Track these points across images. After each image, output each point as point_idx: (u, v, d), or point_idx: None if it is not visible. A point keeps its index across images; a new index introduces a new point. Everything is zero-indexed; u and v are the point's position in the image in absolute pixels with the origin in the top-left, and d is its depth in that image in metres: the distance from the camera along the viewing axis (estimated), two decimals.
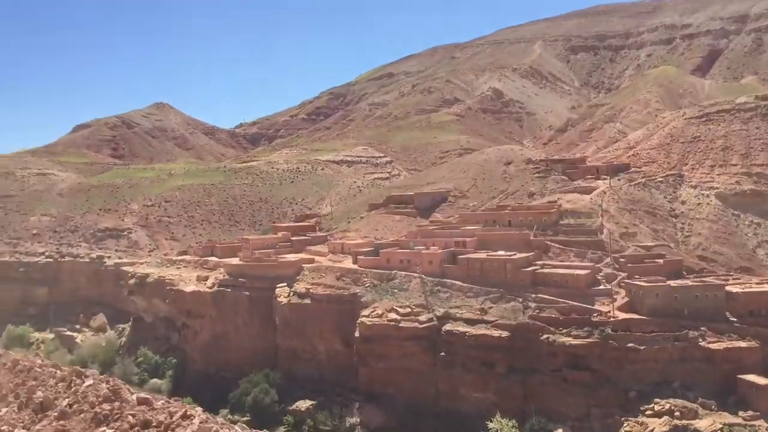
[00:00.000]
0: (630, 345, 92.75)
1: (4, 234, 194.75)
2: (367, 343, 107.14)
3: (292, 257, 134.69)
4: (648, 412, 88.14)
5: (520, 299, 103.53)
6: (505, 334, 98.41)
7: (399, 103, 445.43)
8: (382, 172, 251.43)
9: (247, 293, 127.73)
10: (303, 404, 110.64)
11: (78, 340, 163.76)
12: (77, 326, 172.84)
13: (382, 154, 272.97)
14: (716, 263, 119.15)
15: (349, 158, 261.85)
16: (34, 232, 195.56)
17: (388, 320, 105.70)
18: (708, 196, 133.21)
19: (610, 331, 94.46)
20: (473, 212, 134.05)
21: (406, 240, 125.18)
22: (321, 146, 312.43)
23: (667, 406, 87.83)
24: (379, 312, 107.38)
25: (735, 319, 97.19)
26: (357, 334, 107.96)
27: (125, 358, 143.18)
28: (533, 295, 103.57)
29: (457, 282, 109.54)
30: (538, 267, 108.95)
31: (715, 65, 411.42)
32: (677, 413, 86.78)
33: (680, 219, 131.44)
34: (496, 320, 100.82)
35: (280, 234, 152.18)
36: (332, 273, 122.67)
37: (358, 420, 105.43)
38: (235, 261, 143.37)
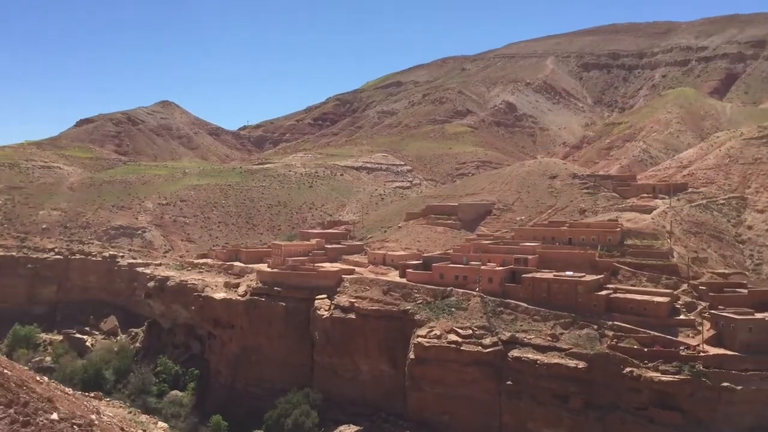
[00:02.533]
0: (725, 384, 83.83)
1: (12, 227, 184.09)
2: (422, 365, 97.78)
3: (331, 267, 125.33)
4: None
5: (595, 326, 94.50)
6: (581, 364, 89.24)
7: (409, 112, 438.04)
8: (403, 181, 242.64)
9: (283, 303, 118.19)
10: (348, 429, 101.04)
11: (88, 344, 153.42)
12: (87, 328, 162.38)
13: (402, 162, 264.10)
14: None
15: (369, 165, 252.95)
16: (44, 226, 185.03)
17: (448, 342, 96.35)
18: None
19: (701, 368, 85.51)
20: (530, 227, 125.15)
21: (457, 254, 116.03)
22: (335, 151, 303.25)
23: None
24: (438, 332, 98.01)
25: None
26: (411, 356, 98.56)
27: (142, 365, 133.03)
28: (609, 323, 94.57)
29: (522, 303, 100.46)
30: (611, 291, 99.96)
31: (732, 89, 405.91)
32: None
33: (747, 245, 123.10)
34: (571, 348, 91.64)
35: (313, 241, 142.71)
36: (378, 286, 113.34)
37: None
38: (264, 268, 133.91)
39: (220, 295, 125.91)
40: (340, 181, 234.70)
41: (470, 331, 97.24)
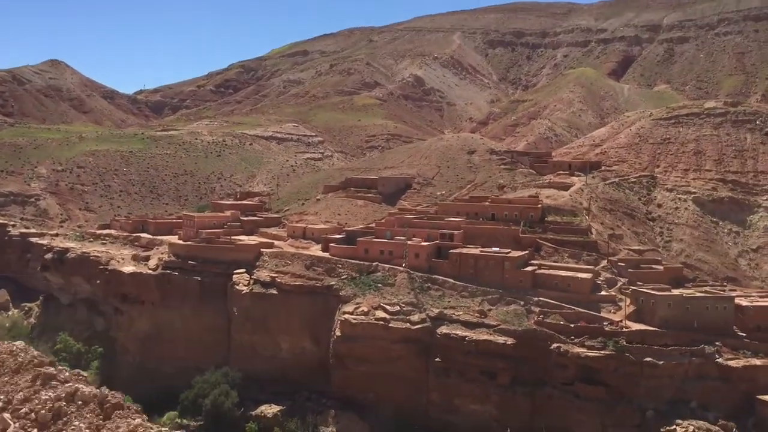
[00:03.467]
0: (647, 359, 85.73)
1: None
2: (348, 342, 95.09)
3: (249, 240, 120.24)
4: None
5: (522, 302, 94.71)
6: (510, 341, 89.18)
7: (316, 82, 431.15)
8: (314, 152, 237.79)
9: (199, 278, 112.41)
10: (269, 409, 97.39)
11: None
12: None
13: (313, 134, 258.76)
14: (701, 272, 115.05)
15: (279, 135, 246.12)
16: None
17: (376, 319, 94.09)
18: (685, 200, 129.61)
19: (625, 343, 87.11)
20: (453, 202, 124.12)
21: (381, 229, 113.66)
22: (242, 120, 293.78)
23: (691, 428, 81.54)
24: (365, 309, 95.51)
25: (743, 334, 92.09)
26: (338, 333, 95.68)
27: (39, 343, 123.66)
28: (535, 299, 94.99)
29: (449, 279, 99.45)
30: (536, 267, 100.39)
31: (629, 71, 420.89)
32: None
33: (658, 223, 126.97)
34: (499, 325, 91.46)
35: (228, 213, 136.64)
36: (299, 261, 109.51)
37: (335, 430, 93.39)
38: (175, 240, 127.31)
39: (128, 268, 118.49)
40: (249, 150, 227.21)
41: (398, 308, 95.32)
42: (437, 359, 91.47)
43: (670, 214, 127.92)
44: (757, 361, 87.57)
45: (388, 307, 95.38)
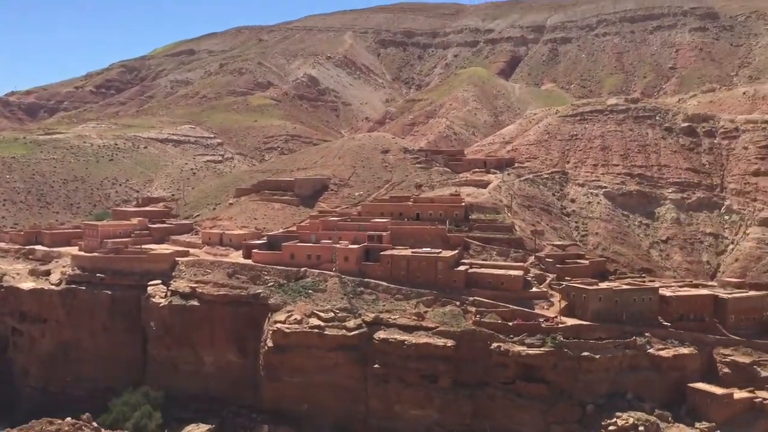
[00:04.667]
0: (585, 354, 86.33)
1: None
2: (281, 353, 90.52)
3: (161, 249, 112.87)
4: (611, 428, 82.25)
5: (457, 302, 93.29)
6: (450, 342, 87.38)
7: (206, 82, 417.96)
8: (214, 155, 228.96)
9: (109, 292, 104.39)
10: (197, 429, 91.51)
11: None
12: None
13: (211, 135, 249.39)
14: (619, 264, 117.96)
15: (175, 137, 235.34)
16: None
17: (310, 327, 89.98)
18: (597, 195, 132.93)
19: (562, 339, 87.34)
20: (377, 203, 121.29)
21: (305, 232, 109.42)
22: (132, 122, 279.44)
23: (630, 420, 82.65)
24: (297, 317, 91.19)
25: (668, 324, 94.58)
26: (269, 343, 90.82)
27: None
28: (470, 298, 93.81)
29: (382, 282, 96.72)
30: (468, 266, 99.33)
31: (517, 70, 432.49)
32: (641, 428, 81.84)
33: (573, 217, 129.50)
34: (437, 327, 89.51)
35: (134, 220, 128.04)
36: (220, 269, 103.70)
37: None
38: (76, 251, 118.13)
39: (27, 284, 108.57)
40: (144, 154, 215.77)
41: (332, 314, 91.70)
42: (376, 365, 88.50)
43: (583, 209, 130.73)
44: (685, 350, 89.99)
45: (321, 313, 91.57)
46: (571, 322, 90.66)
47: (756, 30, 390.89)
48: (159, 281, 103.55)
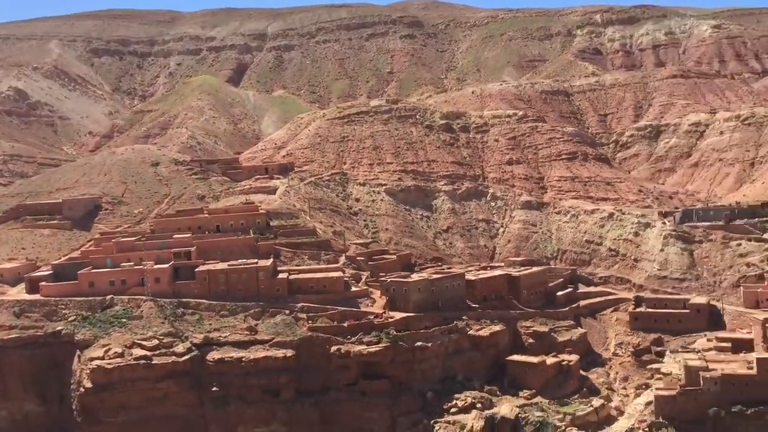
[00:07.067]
0: (418, 344, 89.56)
1: None
2: (100, 393, 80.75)
3: None
4: (453, 410, 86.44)
5: (286, 311, 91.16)
6: (289, 352, 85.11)
7: None
8: None
9: None
10: None
11: None
12: None
13: None
14: (414, 256, 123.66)
15: None
16: None
17: (135, 358, 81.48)
18: (379, 192, 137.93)
19: (395, 332, 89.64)
20: (172, 218, 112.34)
21: (98, 257, 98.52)
22: None
23: (469, 399, 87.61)
24: (118, 350, 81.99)
25: (476, 305, 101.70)
26: (86, 384, 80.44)
27: None
28: (298, 305, 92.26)
29: (202, 300, 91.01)
30: (287, 273, 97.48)
31: (245, 78, 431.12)
32: (478, 404, 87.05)
33: (361, 216, 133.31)
34: (273, 338, 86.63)
35: None
36: (4, 308, 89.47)
37: None
38: None
39: None
40: None
41: (156, 341, 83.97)
42: (213, 388, 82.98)
43: (369, 207, 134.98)
44: (497, 327, 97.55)
45: (144, 342, 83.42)
46: (398, 315, 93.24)
47: (455, 37, 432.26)
48: None
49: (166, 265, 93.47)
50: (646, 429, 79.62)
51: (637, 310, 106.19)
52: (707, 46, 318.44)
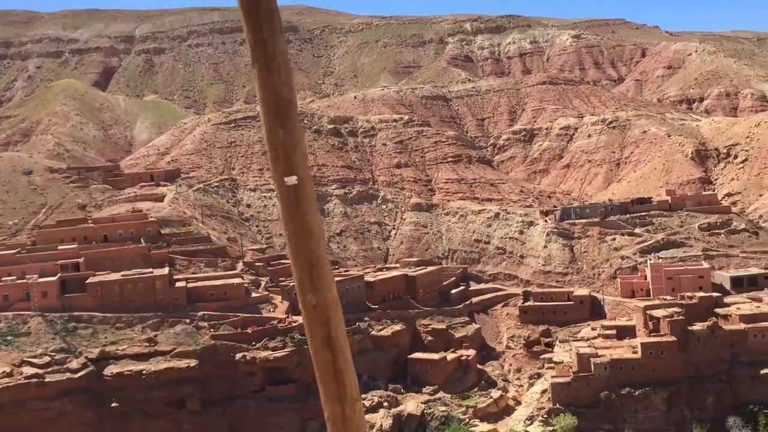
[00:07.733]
0: None
1: None
2: None
3: None
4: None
5: (187, 320, 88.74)
6: (193, 362, 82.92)
7: None
8: None
9: None
10: None
11: None
12: None
13: None
14: None
15: None
16: None
17: (25, 377, 76.70)
18: (271, 198, 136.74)
19: (300, 336, 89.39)
20: (49, 229, 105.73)
21: None
22: None
23: (375, 399, 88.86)
24: (6, 369, 76.85)
25: (376, 306, 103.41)
26: None
27: None
28: (198, 314, 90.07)
29: (96, 313, 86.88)
30: (185, 282, 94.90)
31: (113, 82, 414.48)
32: (385, 403, 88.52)
33: (253, 222, 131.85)
34: (174, 348, 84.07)
35: None
36: None
37: None
38: None
39: None
40: None
41: (47, 358, 79.41)
42: (113, 404, 79.46)
43: (261, 212, 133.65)
44: (397, 327, 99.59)
45: (34, 360, 78.69)
46: (301, 319, 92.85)
47: (331, 42, 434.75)
48: None
49: (54, 278, 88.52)
50: (545, 416, 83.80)
51: (526, 304, 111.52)
52: (568, 54, 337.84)
